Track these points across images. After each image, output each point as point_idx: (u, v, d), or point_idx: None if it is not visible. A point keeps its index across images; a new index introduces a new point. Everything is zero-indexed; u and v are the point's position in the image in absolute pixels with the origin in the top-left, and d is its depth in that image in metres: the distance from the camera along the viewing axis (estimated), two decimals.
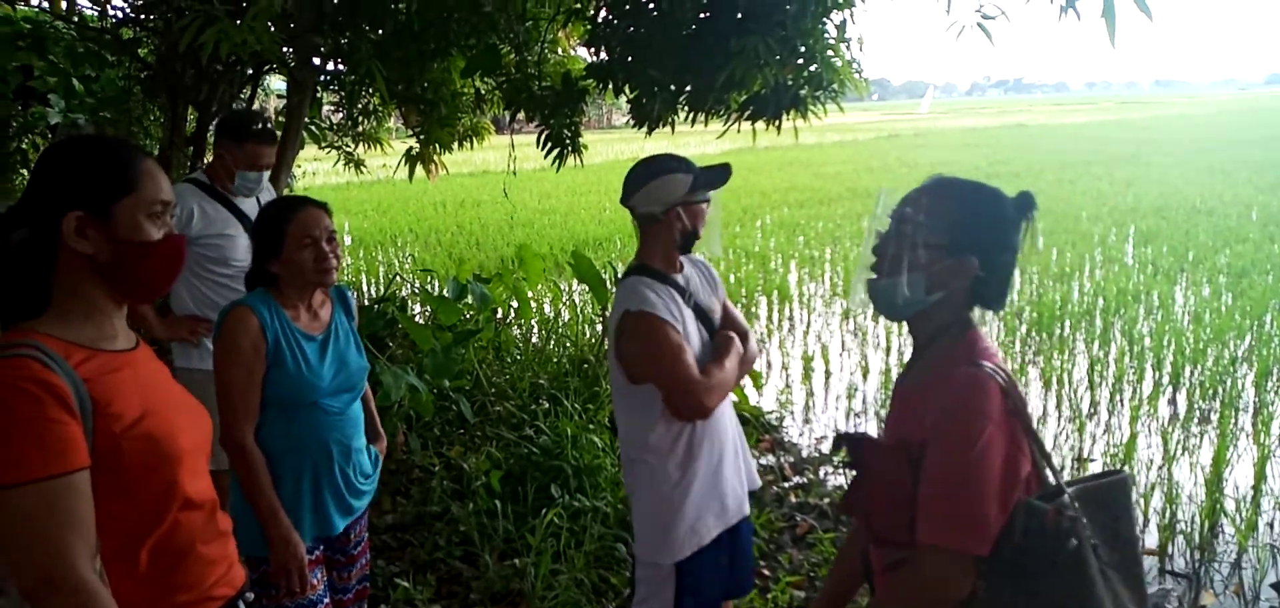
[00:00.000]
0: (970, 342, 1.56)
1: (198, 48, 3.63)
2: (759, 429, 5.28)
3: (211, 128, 7.02)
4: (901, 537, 1.52)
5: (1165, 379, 6.14)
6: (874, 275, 1.61)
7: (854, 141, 35.47)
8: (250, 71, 6.92)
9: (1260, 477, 4.55)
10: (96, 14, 7.52)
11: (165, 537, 1.49)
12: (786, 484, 4.60)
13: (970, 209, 1.57)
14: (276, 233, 2.25)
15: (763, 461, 4.98)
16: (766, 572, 3.69)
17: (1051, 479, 1.51)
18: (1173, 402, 5.84)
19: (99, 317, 1.47)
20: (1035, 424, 1.49)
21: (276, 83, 10.03)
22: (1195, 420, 5.48)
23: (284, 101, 6.34)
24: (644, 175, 2.34)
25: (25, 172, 10.71)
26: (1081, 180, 18.93)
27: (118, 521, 1.43)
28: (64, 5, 8.04)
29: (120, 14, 7.04)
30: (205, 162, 6.62)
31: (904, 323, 1.67)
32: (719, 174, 2.37)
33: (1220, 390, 5.85)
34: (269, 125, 3.50)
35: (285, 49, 5.95)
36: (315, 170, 15.38)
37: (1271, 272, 8.91)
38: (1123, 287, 8.53)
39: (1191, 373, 6.21)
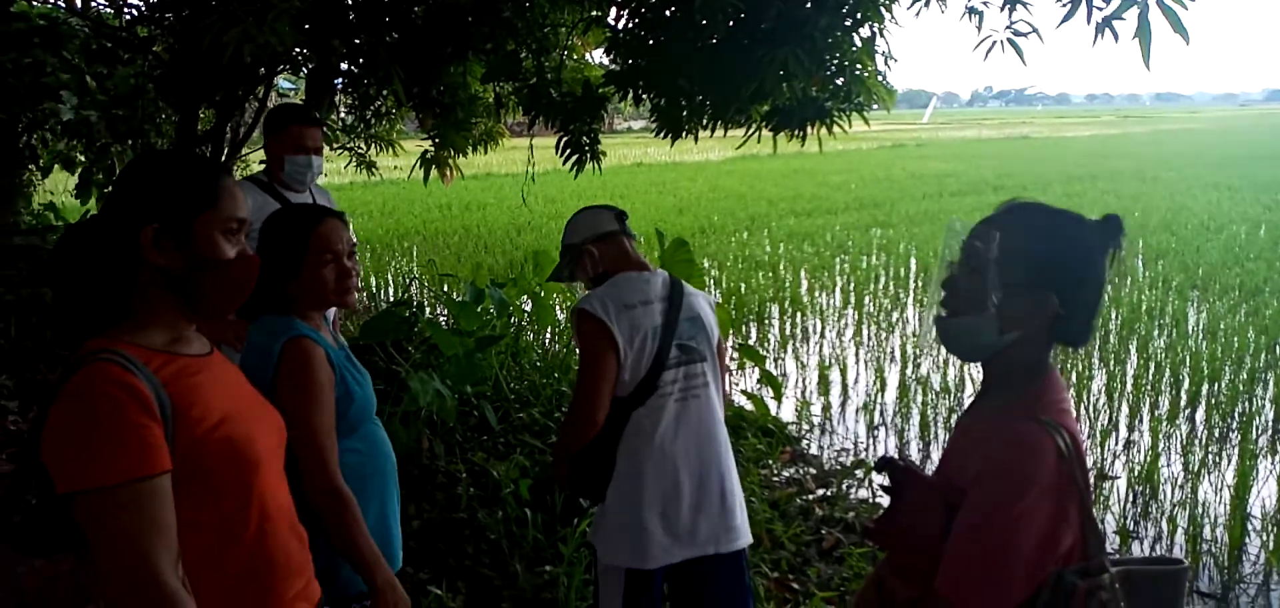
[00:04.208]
0: (1039, 392, 1.44)
1: (222, 46, 3.61)
2: (781, 440, 5.26)
3: (229, 127, 7.01)
4: (921, 577, 1.44)
5: (1183, 397, 6.13)
6: (944, 314, 1.49)
7: (858, 151, 35.43)
8: (262, 70, 6.90)
9: None
10: (113, 12, 7.51)
11: (247, 545, 1.47)
12: (810, 497, 4.58)
13: (1048, 239, 1.44)
14: (294, 248, 2.01)
15: (784, 473, 4.96)
16: (796, 586, 3.67)
17: (1095, 553, 1.39)
18: (1191, 420, 5.82)
19: (176, 325, 1.47)
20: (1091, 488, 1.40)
21: (284, 83, 10.00)
22: (1215, 439, 5.47)
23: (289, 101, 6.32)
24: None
25: (33, 168, 10.69)
26: (1088, 194, 18.94)
27: (200, 529, 1.41)
28: (79, 2, 8.05)
29: (136, 12, 7.01)
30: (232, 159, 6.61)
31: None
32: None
33: (1239, 410, 5.84)
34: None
35: (303, 50, 5.95)
36: (325, 172, 15.36)
37: None
38: (1135, 303, 8.53)
39: (1209, 392, 6.19)
